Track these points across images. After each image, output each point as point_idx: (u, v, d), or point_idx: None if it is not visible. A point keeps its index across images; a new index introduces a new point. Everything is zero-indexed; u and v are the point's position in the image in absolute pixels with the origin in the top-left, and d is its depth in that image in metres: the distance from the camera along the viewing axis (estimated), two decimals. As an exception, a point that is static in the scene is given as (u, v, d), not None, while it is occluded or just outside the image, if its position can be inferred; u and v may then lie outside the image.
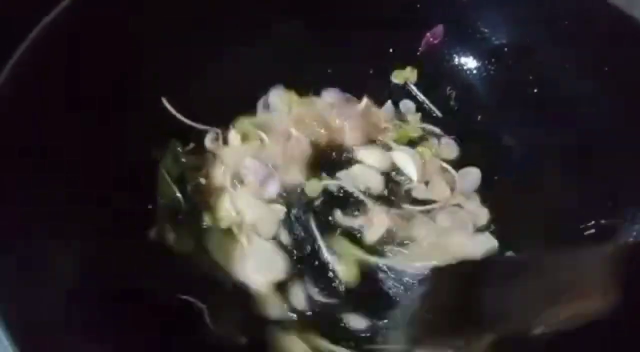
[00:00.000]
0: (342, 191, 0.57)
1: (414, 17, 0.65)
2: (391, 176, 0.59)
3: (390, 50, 0.67)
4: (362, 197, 0.56)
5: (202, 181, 0.56)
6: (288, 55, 0.65)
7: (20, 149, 0.42)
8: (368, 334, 0.48)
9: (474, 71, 0.66)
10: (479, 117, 0.64)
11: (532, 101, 0.60)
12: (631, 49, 0.50)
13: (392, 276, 0.51)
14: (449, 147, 0.63)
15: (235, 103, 0.62)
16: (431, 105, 0.66)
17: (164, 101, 0.57)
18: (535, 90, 0.60)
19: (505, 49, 0.62)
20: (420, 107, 0.66)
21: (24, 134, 0.43)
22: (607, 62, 0.52)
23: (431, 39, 0.66)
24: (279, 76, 0.64)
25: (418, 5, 0.64)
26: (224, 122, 0.60)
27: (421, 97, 0.67)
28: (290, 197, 0.56)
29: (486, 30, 0.63)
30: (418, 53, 0.67)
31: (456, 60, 0.66)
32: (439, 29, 0.65)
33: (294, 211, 0.55)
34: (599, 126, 0.53)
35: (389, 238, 0.53)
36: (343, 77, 0.66)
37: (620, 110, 0.51)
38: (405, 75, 0.67)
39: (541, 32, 0.57)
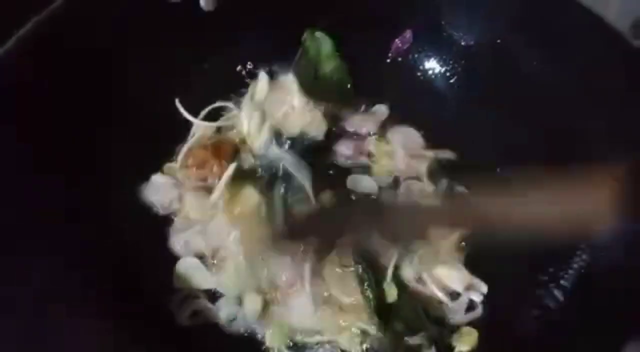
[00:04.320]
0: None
1: (382, 23, 0.65)
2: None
3: (359, 57, 0.66)
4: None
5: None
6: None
7: None
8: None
9: (445, 73, 0.66)
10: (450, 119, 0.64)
11: (502, 100, 0.61)
12: (599, 47, 0.51)
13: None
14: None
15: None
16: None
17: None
18: (506, 90, 0.60)
19: (474, 50, 0.63)
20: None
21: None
22: (577, 59, 0.53)
23: (400, 45, 0.67)
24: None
25: (384, 13, 0.64)
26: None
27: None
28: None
29: (454, 33, 0.63)
30: (388, 60, 0.68)
31: (426, 64, 0.67)
32: (408, 34, 0.66)
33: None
34: (573, 123, 0.53)
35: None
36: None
37: (594, 108, 0.52)
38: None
39: (510, 32, 0.58)
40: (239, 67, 0.65)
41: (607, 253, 0.48)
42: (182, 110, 0.59)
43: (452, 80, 0.66)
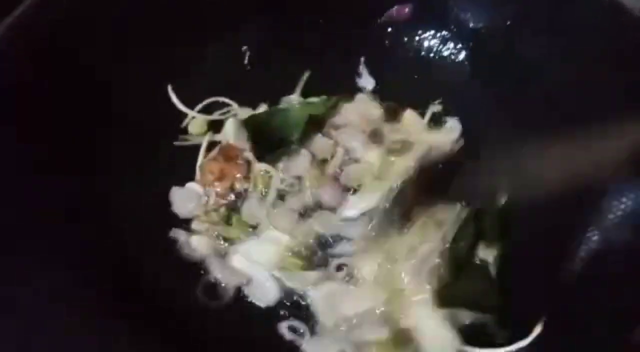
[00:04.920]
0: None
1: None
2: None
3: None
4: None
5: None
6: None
7: None
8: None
9: (451, 55, 0.65)
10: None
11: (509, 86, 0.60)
12: (608, 32, 0.50)
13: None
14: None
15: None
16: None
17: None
18: (513, 75, 0.59)
19: (483, 33, 0.61)
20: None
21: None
22: (586, 45, 0.51)
23: (394, 14, 0.65)
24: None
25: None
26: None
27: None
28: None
29: (462, 14, 0.62)
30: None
31: (432, 44, 0.65)
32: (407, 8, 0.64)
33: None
34: (578, 108, 0.51)
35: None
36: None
37: (600, 93, 0.50)
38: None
39: (518, 17, 0.57)
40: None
41: (616, 233, 0.47)
42: (175, 100, 0.59)
43: (457, 61, 0.65)
